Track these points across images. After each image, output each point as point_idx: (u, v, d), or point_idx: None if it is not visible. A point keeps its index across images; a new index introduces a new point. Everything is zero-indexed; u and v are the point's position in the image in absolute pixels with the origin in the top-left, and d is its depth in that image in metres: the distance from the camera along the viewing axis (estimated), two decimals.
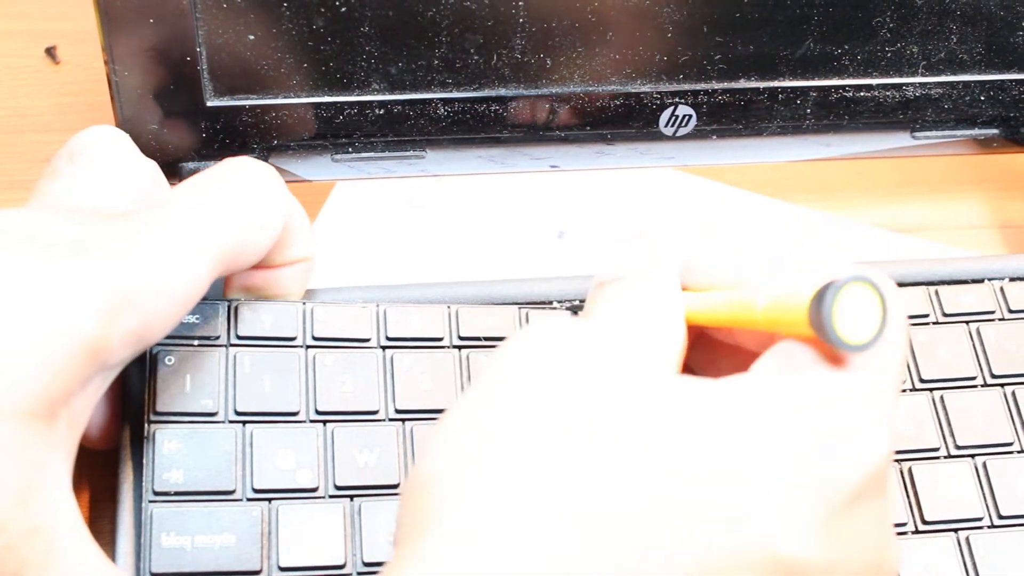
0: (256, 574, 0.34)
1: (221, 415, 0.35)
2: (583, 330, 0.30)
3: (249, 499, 0.35)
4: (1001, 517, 0.38)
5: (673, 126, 0.44)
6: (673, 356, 0.30)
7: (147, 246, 0.31)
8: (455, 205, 0.49)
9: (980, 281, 0.43)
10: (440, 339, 0.39)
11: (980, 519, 0.38)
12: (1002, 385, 0.40)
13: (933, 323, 0.42)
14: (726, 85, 0.43)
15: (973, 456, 0.39)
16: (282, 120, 0.41)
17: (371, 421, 0.37)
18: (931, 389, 0.40)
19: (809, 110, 0.44)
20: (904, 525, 0.38)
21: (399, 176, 0.44)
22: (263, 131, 0.41)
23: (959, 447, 0.39)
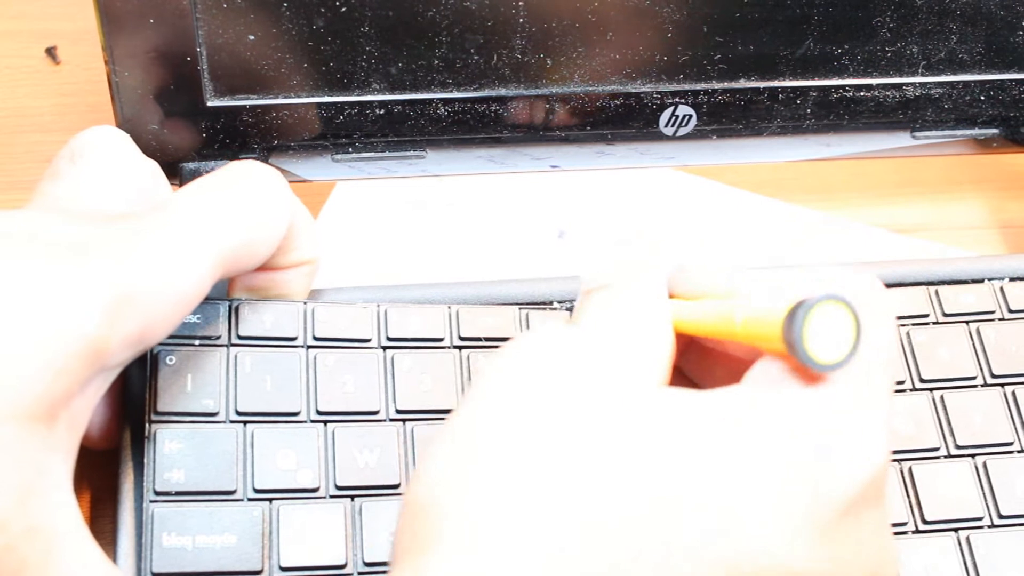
0: (257, 574, 0.34)
1: (222, 415, 0.35)
2: (570, 340, 0.30)
3: (250, 499, 0.35)
4: (1001, 517, 0.38)
5: (673, 126, 0.44)
6: (660, 365, 0.30)
7: (148, 247, 0.31)
8: (455, 205, 0.49)
9: (980, 281, 0.43)
10: (441, 339, 0.39)
11: (980, 519, 0.38)
12: (1002, 385, 0.41)
13: (933, 323, 0.42)
14: (726, 85, 0.43)
15: (973, 456, 0.39)
16: (282, 120, 0.41)
17: (372, 421, 0.37)
18: (931, 389, 0.40)
19: (809, 110, 0.44)
20: (904, 525, 0.38)
21: (399, 176, 0.44)
22: (263, 131, 0.41)
23: (959, 447, 0.39)
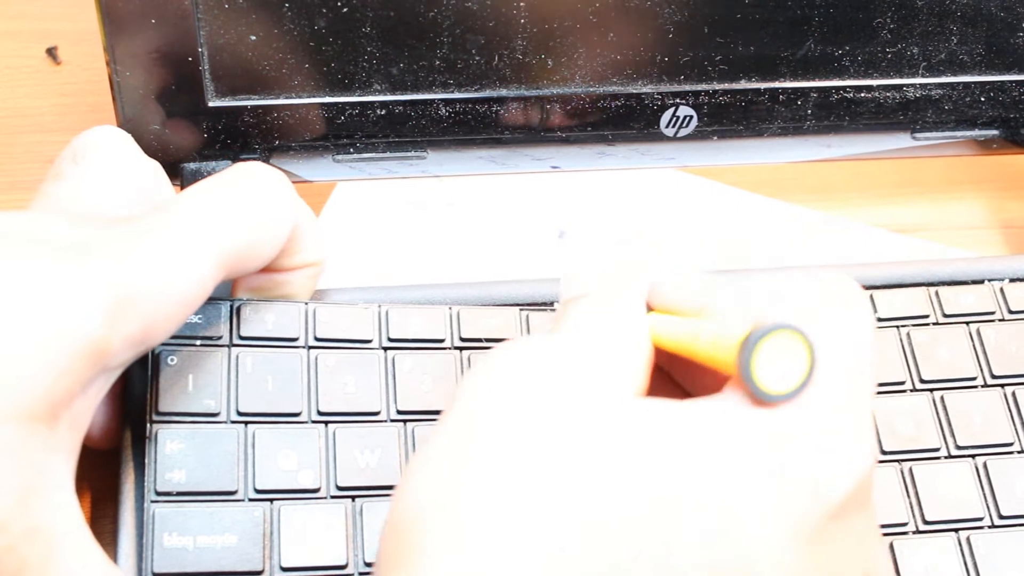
0: (258, 574, 0.34)
1: (223, 415, 0.35)
2: (550, 351, 0.30)
3: (251, 499, 0.35)
4: (1002, 517, 0.38)
5: (674, 127, 0.44)
6: (636, 377, 0.30)
7: (151, 248, 0.31)
8: (456, 206, 0.49)
9: (980, 282, 0.43)
10: (441, 340, 0.39)
11: (980, 519, 0.38)
12: (1002, 385, 0.41)
13: (933, 324, 0.42)
14: (727, 86, 0.43)
15: (973, 456, 0.39)
16: (284, 120, 0.41)
17: (373, 422, 0.37)
18: (931, 389, 0.40)
19: (810, 111, 0.44)
20: (905, 525, 0.38)
21: (400, 177, 0.44)
22: (265, 131, 0.41)
23: (959, 447, 0.39)
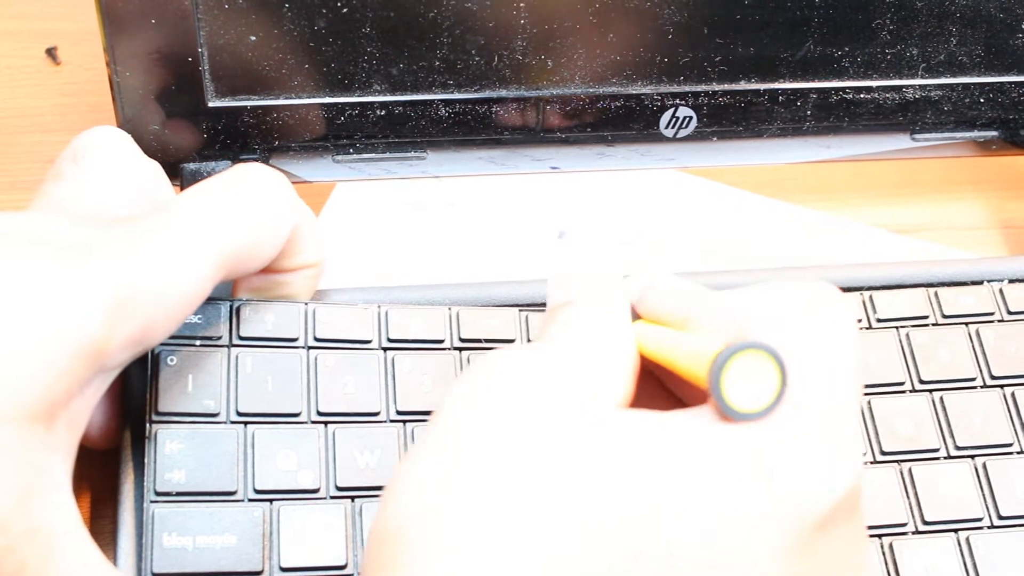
0: (258, 575, 0.34)
1: (223, 415, 0.35)
2: (534, 361, 0.30)
3: (250, 500, 0.35)
4: (1001, 517, 0.38)
5: (674, 128, 0.44)
6: (620, 386, 0.30)
7: (150, 249, 0.31)
8: (456, 206, 0.49)
9: (979, 283, 0.43)
10: (441, 341, 0.39)
11: (980, 519, 0.38)
12: (1002, 386, 0.41)
13: (933, 324, 0.42)
14: (727, 87, 0.43)
15: (973, 457, 0.39)
16: (283, 121, 0.41)
17: (372, 422, 0.37)
18: (931, 390, 0.40)
19: (809, 112, 0.44)
20: (904, 526, 0.38)
21: (400, 177, 0.44)
22: (264, 132, 0.42)
23: (959, 448, 0.39)
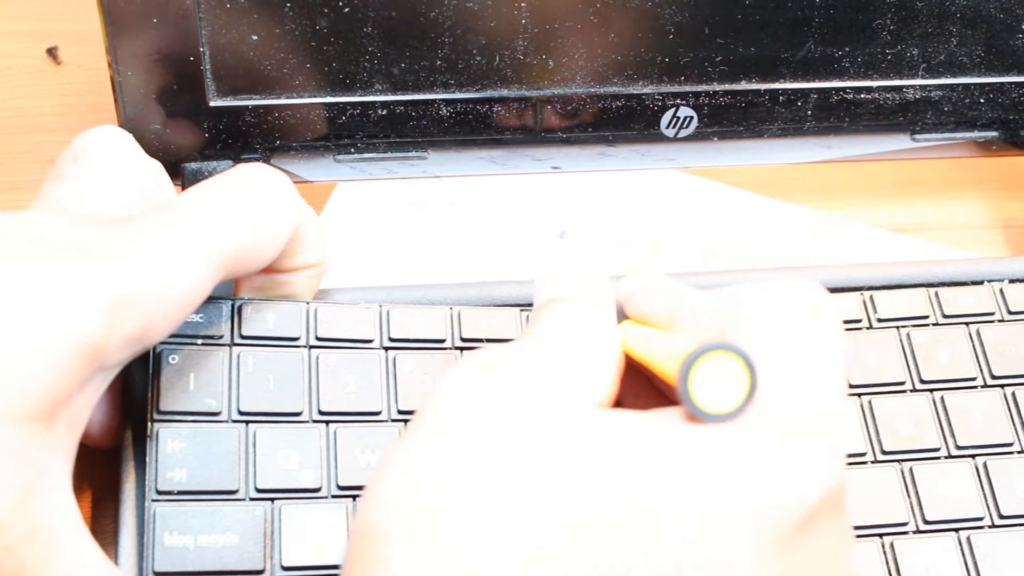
0: (259, 574, 0.34)
1: (224, 415, 0.35)
2: (517, 360, 0.30)
3: (252, 499, 0.35)
4: (1002, 517, 0.38)
5: (674, 128, 0.44)
6: (603, 385, 0.30)
7: (150, 249, 0.31)
8: (457, 206, 0.49)
9: (980, 283, 0.43)
10: (442, 340, 0.39)
11: (981, 519, 0.38)
12: (1002, 386, 0.41)
13: (933, 324, 0.42)
14: (727, 87, 0.43)
15: (973, 456, 0.39)
16: (285, 120, 0.41)
17: (373, 422, 0.37)
18: (931, 390, 0.40)
19: (810, 112, 0.45)
20: (905, 525, 0.38)
21: (401, 177, 0.44)
22: (266, 131, 0.42)
23: (959, 447, 0.39)
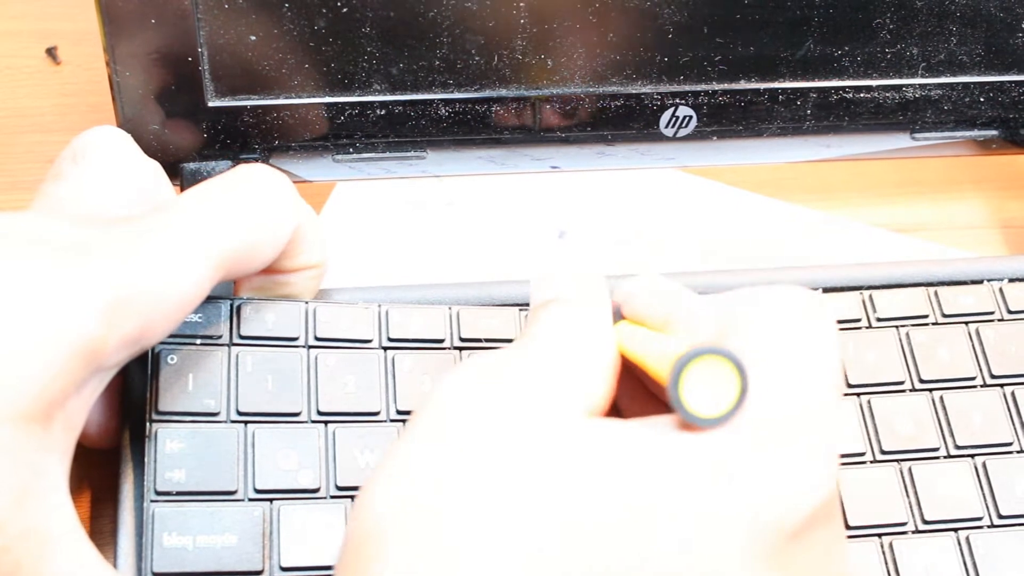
0: (258, 574, 0.34)
1: (223, 415, 0.35)
2: (512, 364, 0.30)
3: (251, 499, 0.35)
4: (1001, 517, 0.38)
5: (673, 127, 0.44)
6: (598, 389, 0.30)
7: (148, 249, 0.31)
8: (456, 205, 0.49)
9: (979, 282, 0.43)
10: (441, 340, 0.39)
11: (980, 519, 0.38)
12: (1001, 385, 0.41)
13: (933, 324, 0.42)
14: (726, 86, 0.43)
15: (973, 456, 0.39)
16: (283, 121, 0.41)
17: (373, 422, 0.37)
18: (931, 389, 0.40)
19: (809, 111, 0.45)
20: (904, 525, 0.38)
21: (400, 177, 0.44)
22: (264, 131, 0.42)
23: (959, 447, 0.39)
